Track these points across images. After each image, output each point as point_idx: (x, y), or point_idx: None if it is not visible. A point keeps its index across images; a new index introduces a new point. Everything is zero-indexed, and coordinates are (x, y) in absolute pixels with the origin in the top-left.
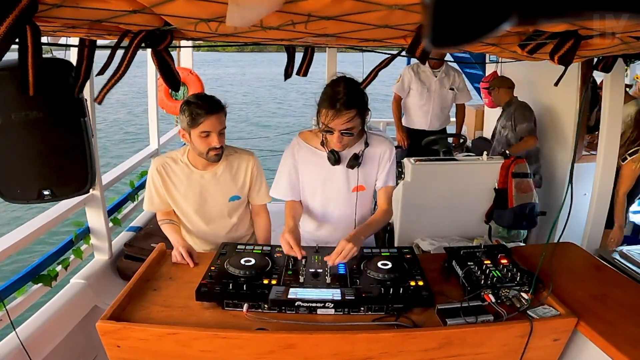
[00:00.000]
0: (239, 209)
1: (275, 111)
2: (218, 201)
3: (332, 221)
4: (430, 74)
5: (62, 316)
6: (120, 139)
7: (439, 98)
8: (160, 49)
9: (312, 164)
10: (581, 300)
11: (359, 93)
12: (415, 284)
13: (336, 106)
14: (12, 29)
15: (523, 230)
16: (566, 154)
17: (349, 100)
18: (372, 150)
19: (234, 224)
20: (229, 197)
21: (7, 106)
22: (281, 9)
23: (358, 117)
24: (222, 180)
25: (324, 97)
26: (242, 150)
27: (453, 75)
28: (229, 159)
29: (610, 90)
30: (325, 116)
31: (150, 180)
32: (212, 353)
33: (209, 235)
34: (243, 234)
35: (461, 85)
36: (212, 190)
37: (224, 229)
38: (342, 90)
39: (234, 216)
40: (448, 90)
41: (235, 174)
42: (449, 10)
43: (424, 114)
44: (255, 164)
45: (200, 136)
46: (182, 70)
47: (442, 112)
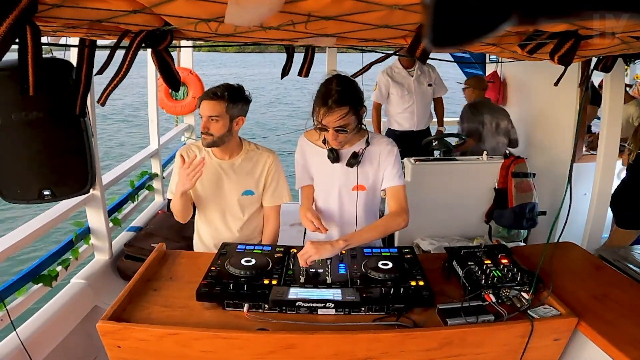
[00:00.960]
0: (251, 206)
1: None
2: (232, 192)
3: (334, 219)
4: (406, 74)
5: (62, 316)
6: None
7: (421, 96)
8: (160, 49)
9: (316, 161)
10: (582, 300)
11: (352, 90)
12: (415, 284)
13: (328, 103)
14: (12, 29)
15: (523, 230)
16: (566, 153)
17: (340, 97)
18: (373, 149)
19: (245, 220)
20: (243, 190)
21: (7, 106)
22: (281, 8)
23: (352, 114)
24: (239, 172)
25: (317, 95)
26: (265, 149)
27: (428, 71)
28: (249, 154)
29: (610, 90)
30: (318, 114)
31: (176, 165)
32: (212, 353)
33: (223, 228)
34: (255, 234)
35: (437, 79)
36: (227, 179)
37: (236, 225)
38: (335, 87)
39: (245, 212)
40: (427, 87)
41: (253, 168)
42: (449, 10)
43: (410, 115)
44: (274, 162)
45: (202, 119)
46: (182, 70)
47: (426, 110)
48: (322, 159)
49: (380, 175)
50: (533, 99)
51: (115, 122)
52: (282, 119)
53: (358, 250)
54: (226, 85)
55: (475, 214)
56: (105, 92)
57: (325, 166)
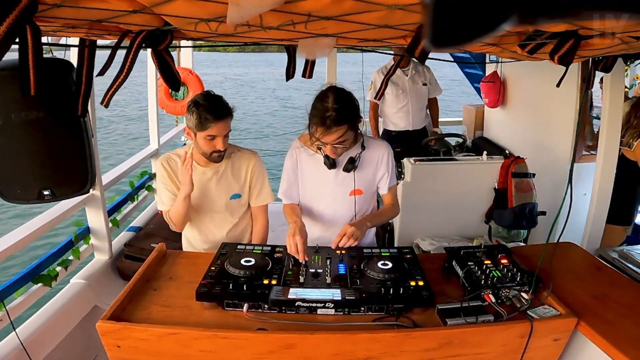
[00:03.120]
0: (240, 207)
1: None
2: (220, 198)
3: (331, 225)
4: (400, 73)
5: (62, 316)
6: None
7: (416, 96)
8: (160, 49)
9: (311, 167)
10: (581, 300)
11: (350, 105)
12: (415, 284)
13: (326, 123)
14: (12, 29)
15: (523, 230)
16: (566, 153)
17: (338, 116)
18: (369, 153)
19: (235, 223)
20: (231, 194)
21: (7, 106)
22: (281, 9)
23: (350, 130)
24: (224, 178)
25: (314, 112)
26: (246, 150)
27: (423, 70)
28: (232, 157)
29: (610, 90)
30: (316, 132)
31: (160, 176)
32: (212, 353)
33: (213, 232)
34: (244, 234)
35: (432, 79)
36: (214, 187)
37: (225, 227)
38: (331, 105)
39: (234, 215)
40: (422, 86)
41: (237, 172)
42: (449, 10)
43: (405, 114)
44: (257, 163)
45: (206, 139)
46: (182, 70)
47: (421, 110)
48: (317, 165)
49: (377, 178)
50: (533, 99)
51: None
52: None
53: (358, 250)
54: (218, 98)
55: (475, 214)
56: (109, 94)
57: (321, 171)
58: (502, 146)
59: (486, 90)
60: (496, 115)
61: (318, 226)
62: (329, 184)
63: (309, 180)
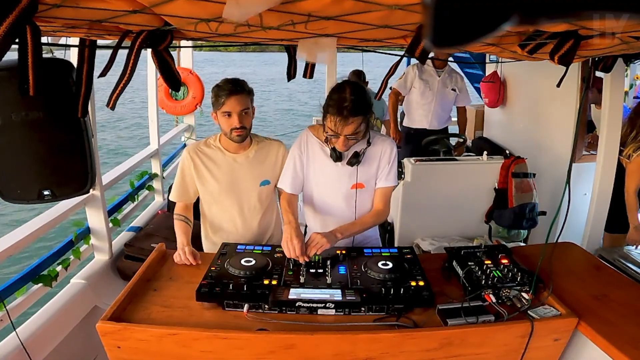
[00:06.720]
0: (269, 194)
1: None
2: (250, 184)
3: (332, 216)
4: (433, 73)
5: (62, 316)
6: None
7: (441, 97)
8: (160, 49)
9: (318, 158)
10: (582, 300)
11: (365, 99)
12: (415, 284)
13: (343, 113)
14: (12, 29)
15: (523, 231)
16: (566, 153)
17: (355, 106)
18: (374, 149)
19: (264, 211)
20: (260, 181)
21: (7, 106)
22: (281, 9)
23: (364, 122)
24: (255, 164)
25: (330, 102)
26: (271, 139)
27: (455, 77)
28: (260, 145)
29: (610, 90)
30: (332, 122)
31: (181, 166)
32: (212, 353)
33: (239, 223)
34: (272, 221)
35: (463, 88)
36: (243, 173)
37: (254, 217)
38: (349, 96)
39: (264, 202)
40: (450, 90)
41: (266, 158)
42: (450, 10)
43: (425, 112)
44: (285, 150)
45: (224, 116)
46: (182, 70)
47: (443, 112)
48: (323, 156)
49: (378, 173)
50: (533, 99)
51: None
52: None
53: (358, 250)
54: (236, 79)
55: (475, 214)
56: (114, 96)
57: (326, 163)
58: (502, 146)
59: (486, 90)
60: (496, 115)
61: (318, 217)
62: (332, 176)
63: (314, 170)
